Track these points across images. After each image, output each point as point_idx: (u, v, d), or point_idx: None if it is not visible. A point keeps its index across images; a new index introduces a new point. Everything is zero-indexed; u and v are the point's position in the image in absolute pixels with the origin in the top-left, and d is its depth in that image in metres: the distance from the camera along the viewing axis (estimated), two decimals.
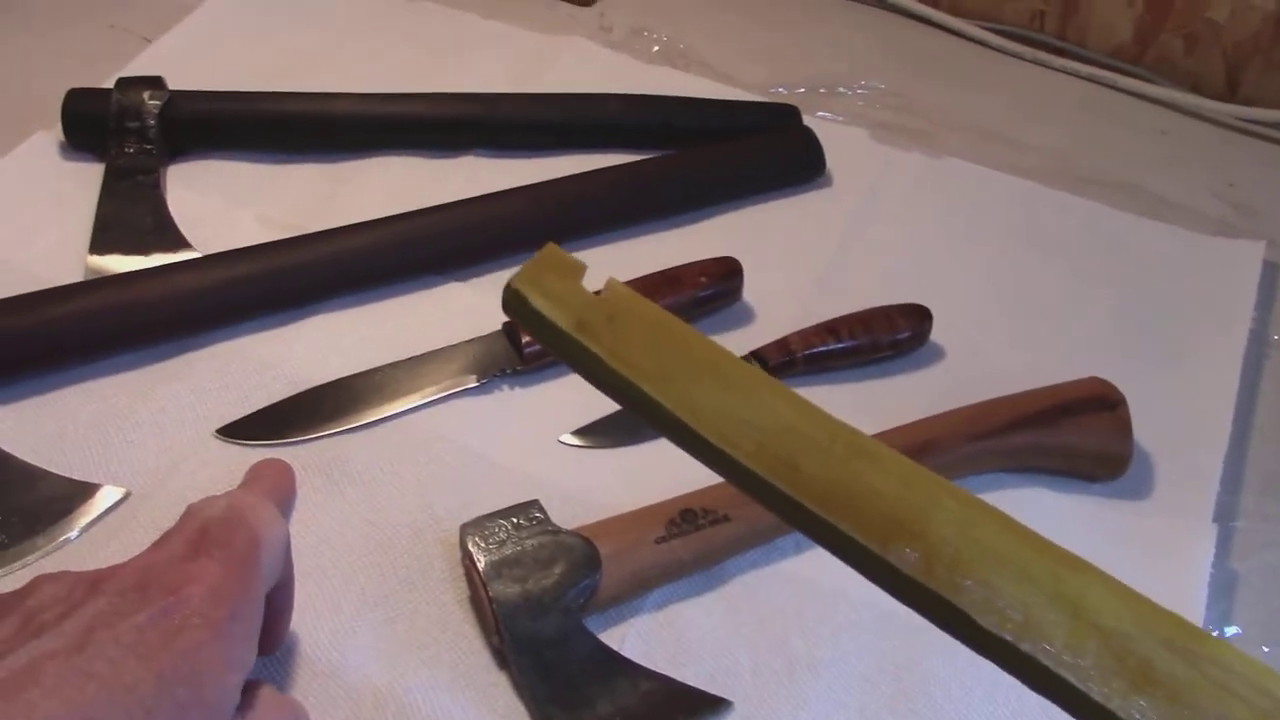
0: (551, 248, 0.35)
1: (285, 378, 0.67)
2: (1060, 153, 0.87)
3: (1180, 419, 0.69)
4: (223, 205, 0.77)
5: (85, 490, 0.61)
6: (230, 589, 0.47)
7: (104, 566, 0.56)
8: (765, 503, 0.33)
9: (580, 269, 0.36)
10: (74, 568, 0.57)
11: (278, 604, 0.52)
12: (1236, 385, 0.71)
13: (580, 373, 0.35)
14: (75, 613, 0.44)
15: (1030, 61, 0.95)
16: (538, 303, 0.34)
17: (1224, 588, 0.62)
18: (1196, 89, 0.93)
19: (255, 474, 0.61)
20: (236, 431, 0.64)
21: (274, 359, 0.68)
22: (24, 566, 0.58)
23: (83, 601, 0.45)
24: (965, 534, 0.32)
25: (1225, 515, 0.65)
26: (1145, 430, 0.66)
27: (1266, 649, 0.60)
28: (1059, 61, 0.95)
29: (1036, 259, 0.78)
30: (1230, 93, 0.92)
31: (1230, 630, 0.61)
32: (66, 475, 0.61)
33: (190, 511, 0.53)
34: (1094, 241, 0.80)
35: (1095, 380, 0.66)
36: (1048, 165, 0.86)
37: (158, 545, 0.50)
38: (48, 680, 0.41)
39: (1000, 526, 0.33)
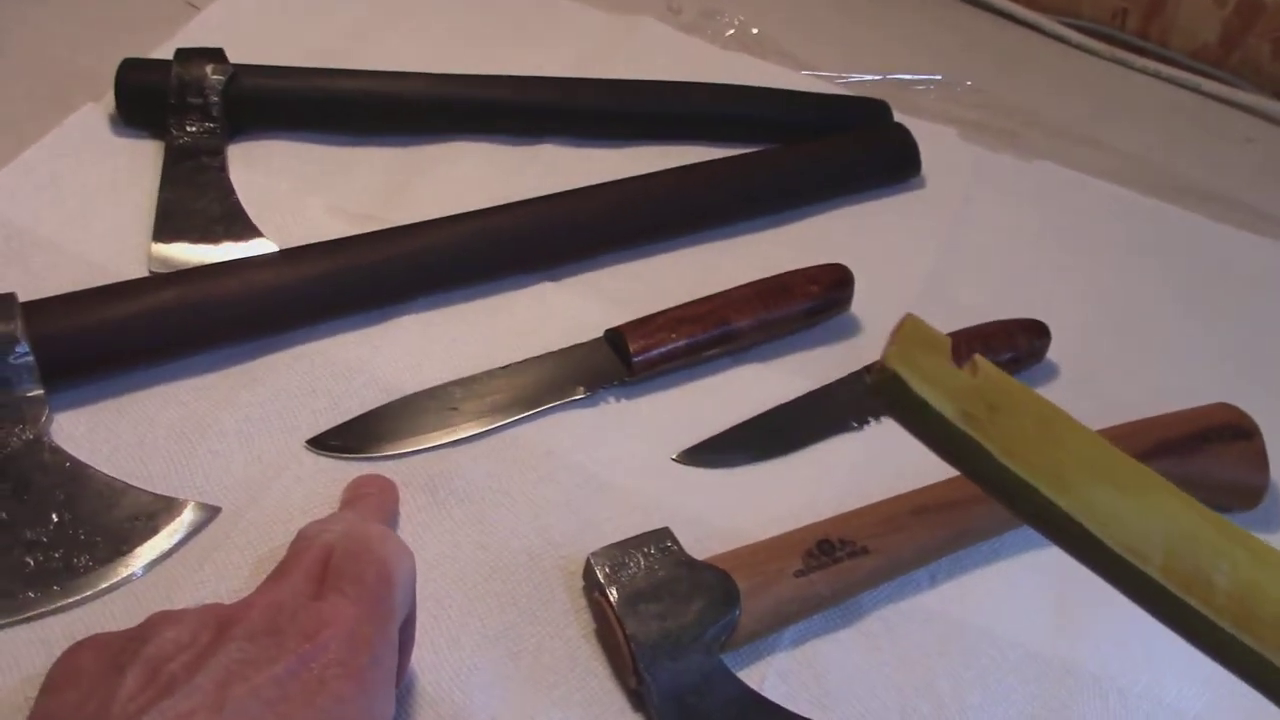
0: (914, 320, 0.31)
1: (376, 383, 0.62)
2: (1148, 158, 0.85)
3: None
4: (290, 190, 0.71)
5: (172, 506, 0.56)
6: (367, 632, 0.43)
7: (208, 594, 0.53)
8: (1169, 620, 0.29)
9: (947, 344, 0.32)
10: (168, 592, 0.53)
11: (402, 638, 0.48)
12: None
13: (959, 467, 0.31)
14: (206, 663, 0.40)
15: (1110, 60, 0.92)
16: (920, 389, 0.30)
17: None
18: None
19: (358, 492, 0.56)
20: (328, 442, 0.59)
21: (361, 362, 0.63)
22: (112, 591, 0.53)
23: (211, 649, 0.41)
24: None
25: None
26: (1273, 459, 0.64)
27: None
28: (1140, 62, 0.92)
29: (1138, 272, 0.76)
30: None
31: None
32: (149, 489, 0.56)
33: (305, 536, 0.49)
34: (1194, 255, 0.77)
35: (1227, 407, 0.64)
36: (1136, 171, 0.83)
37: (278, 577, 0.46)
38: None
39: None
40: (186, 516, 0.56)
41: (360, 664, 0.42)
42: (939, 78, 0.88)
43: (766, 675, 0.54)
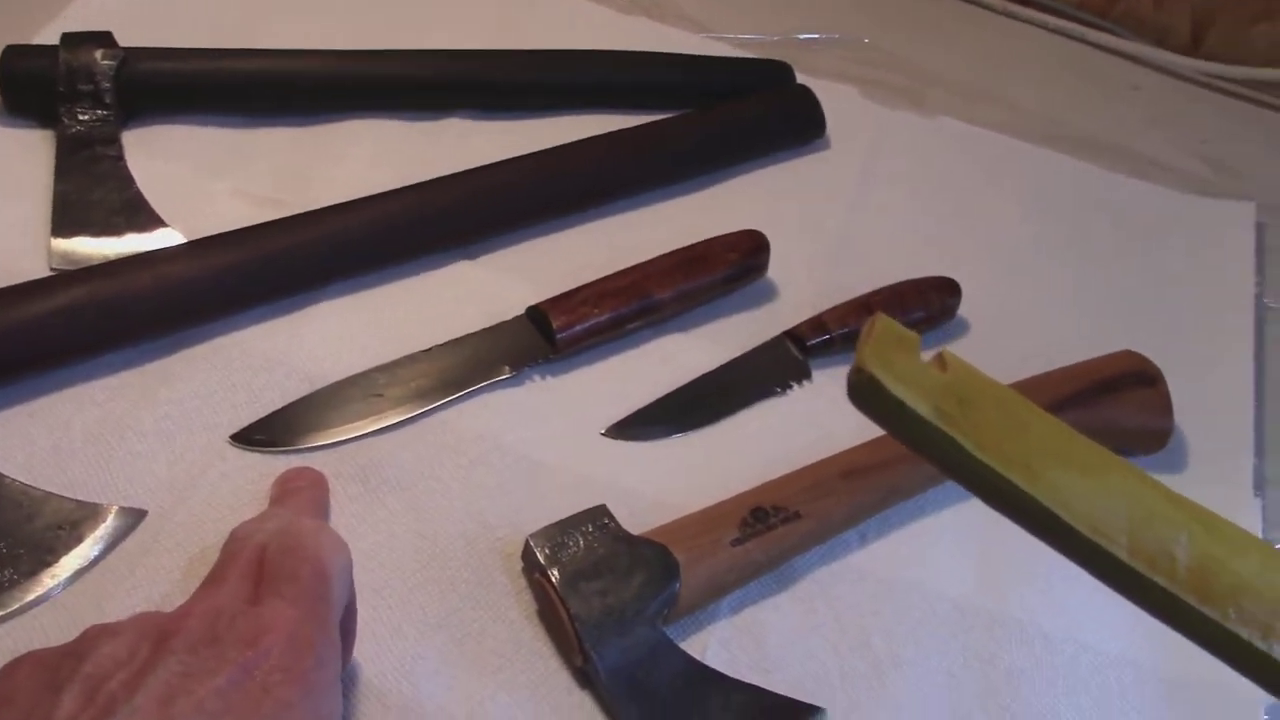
0: (884, 320, 0.32)
1: (298, 373, 0.61)
2: (1042, 110, 0.87)
3: (1203, 388, 0.69)
4: (192, 175, 0.70)
5: (95, 513, 0.54)
6: (309, 633, 0.42)
7: (140, 600, 0.52)
8: (1136, 598, 0.30)
9: (917, 341, 0.32)
10: (98, 601, 0.52)
11: (344, 629, 0.48)
12: (1252, 351, 0.72)
13: (936, 462, 0.32)
14: (146, 680, 0.39)
15: (1001, 14, 0.94)
16: (896, 389, 0.30)
17: None
18: (1162, 43, 0.93)
19: (286, 487, 0.56)
20: (253, 436, 0.58)
21: (281, 353, 0.62)
22: (40, 604, 0.51)
23: (151, 664, 0.40)
24: None
25: (1258, 481, 0.66)
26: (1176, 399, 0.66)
27: None
28: (1028, 13, 0.94)
29: (1038, 223, 0.78)
30: (1194, 47, 0.93)
31: None
32: (70, 496, 0.55)
33: (236, 538, 0.48)
34: (1092, 205, 0.80)
35: (1131, 354, 0.66)
36: (1032, 123, 0.85)
37: (214, 583, 0.45)
38: None
39: None
40: (111, 522, 0.54)
41: (304, 667, 0.41)
42: (837, 36, 0.89)
43: (709, 644, 0.55)
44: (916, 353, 0.32)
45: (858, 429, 0.63)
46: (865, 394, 0.31)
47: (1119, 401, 0.64)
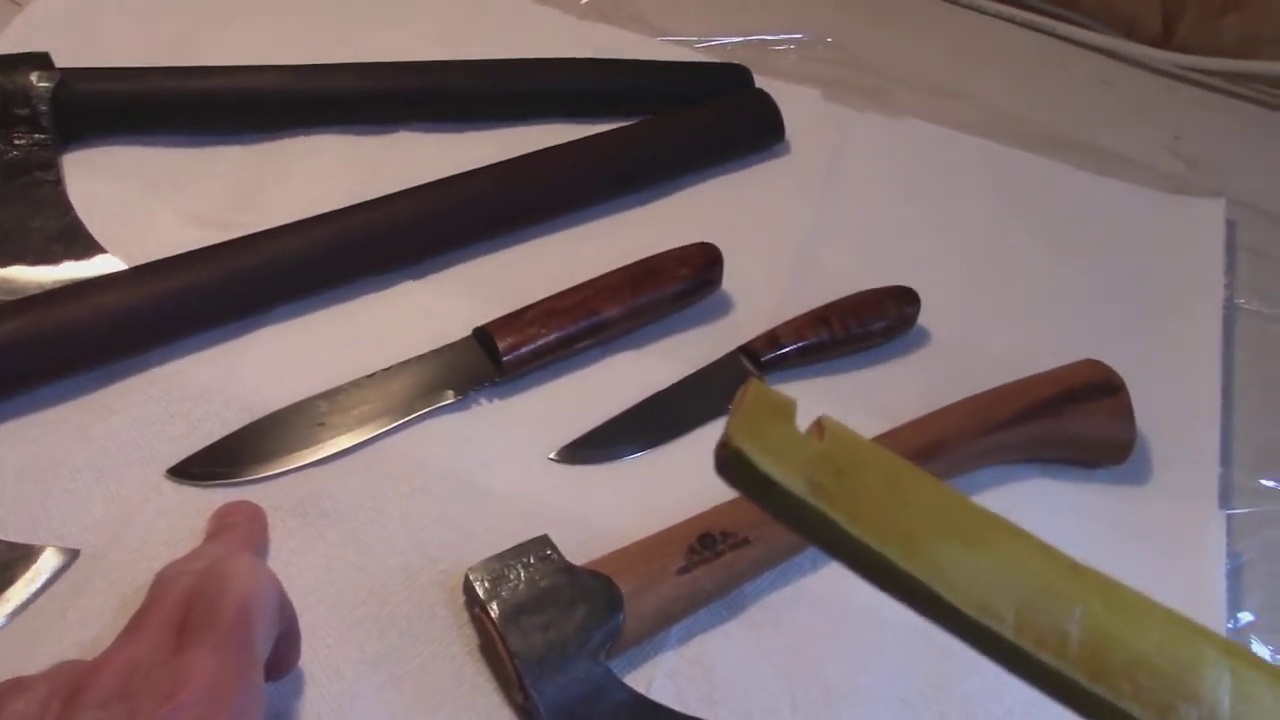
0: (758, 387, 0.30)
1: (236, 402, 0.60)
2: (1010, 107, 0.85)
3: (1168, 394, 0.68)
4: (135, 198, 0.68)
5: (27, 554, 0.53)
6: (227, 680, 0.41)
7: (72, 644, 0.50)
8: (1023, 676, 0.29)
9: (792, 408, 0.31)
10: (30, 645, 0.51)
11: (282, 652, 0.48)
12: (1220, 355, 0.70)
13: (810, 539, 0.30)
14: None
15: (966, 8, 0.92)
16: (766, 465, 0.29)
17: (1231, 573, 0.62)
18: (1131, 34, 0.91)
19: (223, 521, 0.55)
20: (190, 470, 0.57)
21: (219, 382, 0.61)
22: None
23: None
24: (1243, 691, 0.29)
25: (1223, 491, 0.65)
26: (1136, 410, 0.64)
27: None
28: (995, 7, 0.92)
29: (1005, 225, 0.76)
30: (1166, 39, 0.91)
31: (1244, 617, 0.60)
32: (1, 537, 0.54)
33: (161, 580, 0.47)
34: (1060, 204, 0.78)
35: (1093, 364, 0.65)
36: (1000, 121, 0.83)
37: (134, 630, 0.44)
38: None
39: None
40: (44, 563, 0.53)
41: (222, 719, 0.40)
42: (800, 36, 0.87)
43: (654, 677, 0.54)
44: (791, 421, 0.31)
45: None
46: (732, 469, 0.30)
47: (1081, 412, 0.63)
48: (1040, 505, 0.63)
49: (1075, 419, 0.63)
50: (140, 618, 0.45)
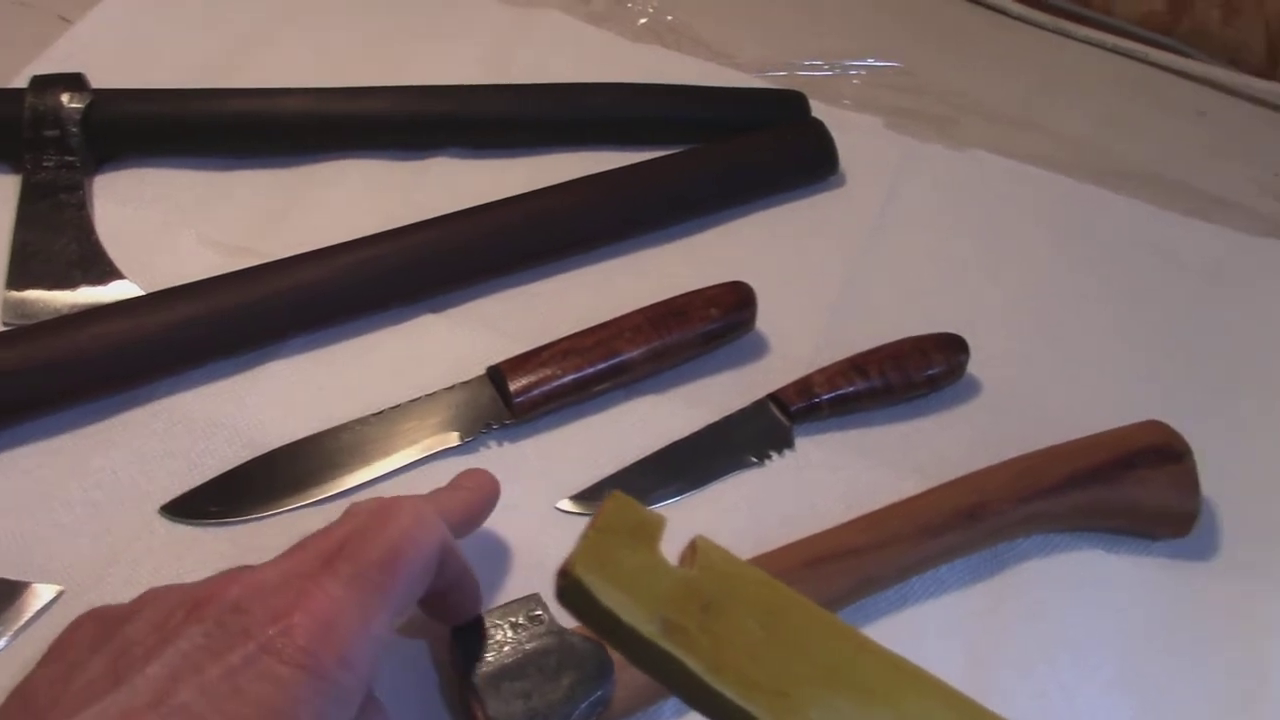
0: (619, 502, 0.27)
1: (240, 439, 0.58)
2: (1092, 140, 0.79)
3: (1242, 461, 0.62)
4: (160, 222, 0.67)
5: (12, 590, 0.52)
6: (346, 617, 0.38)
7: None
8: None
9: (658, 529, 0.27)
10: (5, 688, 0.49)
11: (453, 602, 0.47)
12: None
13: (667, 686, 0.26)
14: (164, 651, 0.37)
15: (1053, 32, 0.86)
16: (609, 599, 0.25)
17: None
18: (1234, 63, 0.85)
19: (454, 482, 0.52)
20: (185, 508, 0.55)
21: (225, 416, 0.59)
22: None
23: (175, 633, 0.38)
24: None
25: None
26: (1205, 475, 0.58)
27: None
28: (1083, 32, 0.86)
29: (1075, 270, 0.71)
30: (1271, 67, 0.84)
31: None
32: None
33: (347, 513, 0.44)
34: (1137, 247, 0.72)
35: (1156, 426, 0.59)
36: (1079, 155, 0.78)
37: (287, 553, 0.42)
38: None
39: None
40: (24, 601, 0.52)
41: (325, 661, 0.37)
42: (870, 62, 0.82)
43: None
44: (654, 544, 0.27)
45: (845, 506, 0.58)
46: (572, 601, 0.26)
47: (1140, 479, 0.58)
48: (1089, 579, 0.57)
49: (1133, 486, 0.57)
50: (300, 544, 0.42)
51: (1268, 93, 0.83)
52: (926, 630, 0.55)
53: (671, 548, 0.34)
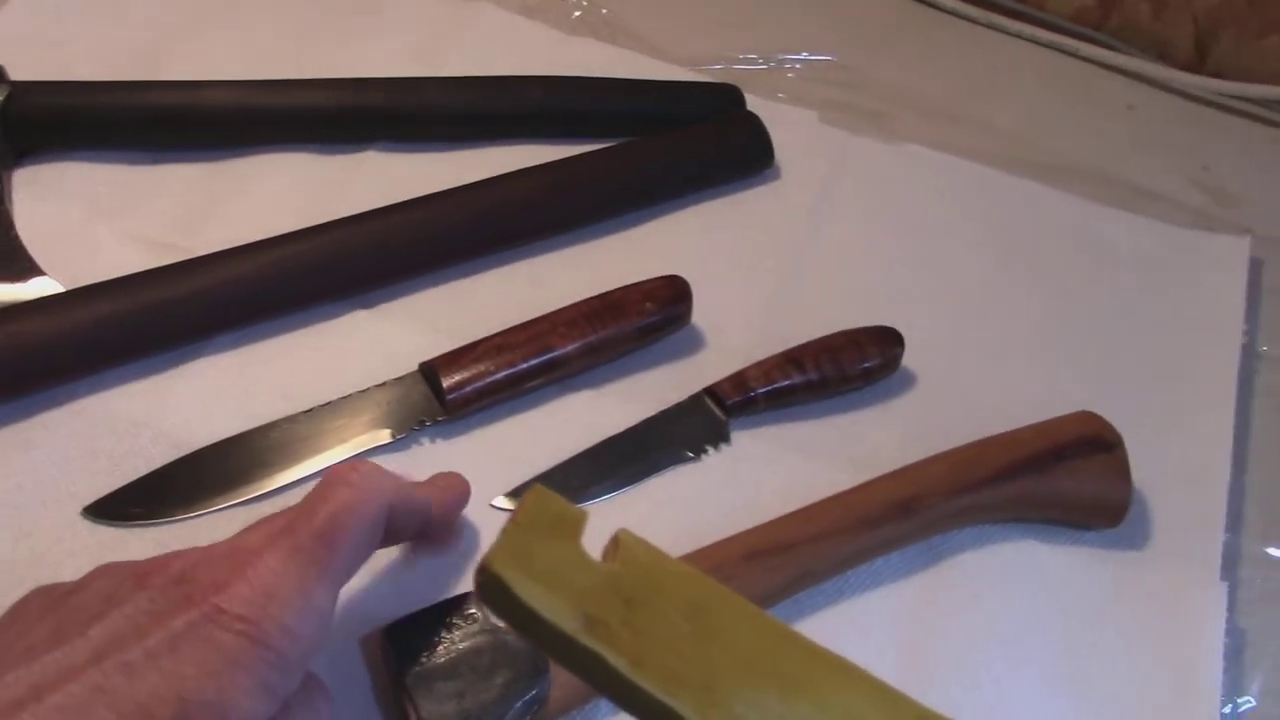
0: (540, 497, 0.26)
1: (165, 439, 0.57)
2: (1024, 133, 0.80)
3: (1174, 450, 0.63)
4: (82, 218, 0.65)
5: None
6: (286, 593, 0.39)
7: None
8: None
9: (579, 523, 0.27)
10: None
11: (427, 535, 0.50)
12: (1233, 409, 0.65)
13: (590, 683, 0.26)
14: (108, 615, 0.38)
15: (985, 27, 0.87)
16: (528, 594, 0.25)
17: (1232, 651, 0.56)
18: (1163, 58, 0.86)
19: (433, 479, 0.53)
20: (108, 510, 0.54)
21: (149, 416, 0.58)
22: None
23: (123, 599, 0.38)
24: None
25: (1228, 559, 0.59)
26: (1137, 466, 0.59)
27: None
28: (1016, 27, 0.86)
29: (1007, 263, 0.71)
30: (1199, 62, 0.85)
31: (1244, 702, 0.55)
32: None
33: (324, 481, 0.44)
34: (1069, 240, 0.73)
35: (1088, 417, 0.60)
36: (1012, 149, 0.78)
37: (245, 530, 0.43)
38: (50, 700, 0.35)
39: None
40: None
41: (265, 630, 0.38)
42: (803, 56, 0.82)
43: None
44: (575, 539, 0.26)
45: (781, 500, 0.58)
46: (492, 598, 0.25)
47: (1072, 470, 0.58)
48: (1024, 569, 0.58)
49: (1065, 477, 0.58)
50: (257, 522, 0.44)
51: (1195, 87, 0.83)
52: (863, 622, 0.55)
53: (602, 544, 0.34)
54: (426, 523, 0.49)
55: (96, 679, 0.36)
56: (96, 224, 0.65)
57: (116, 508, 0.54)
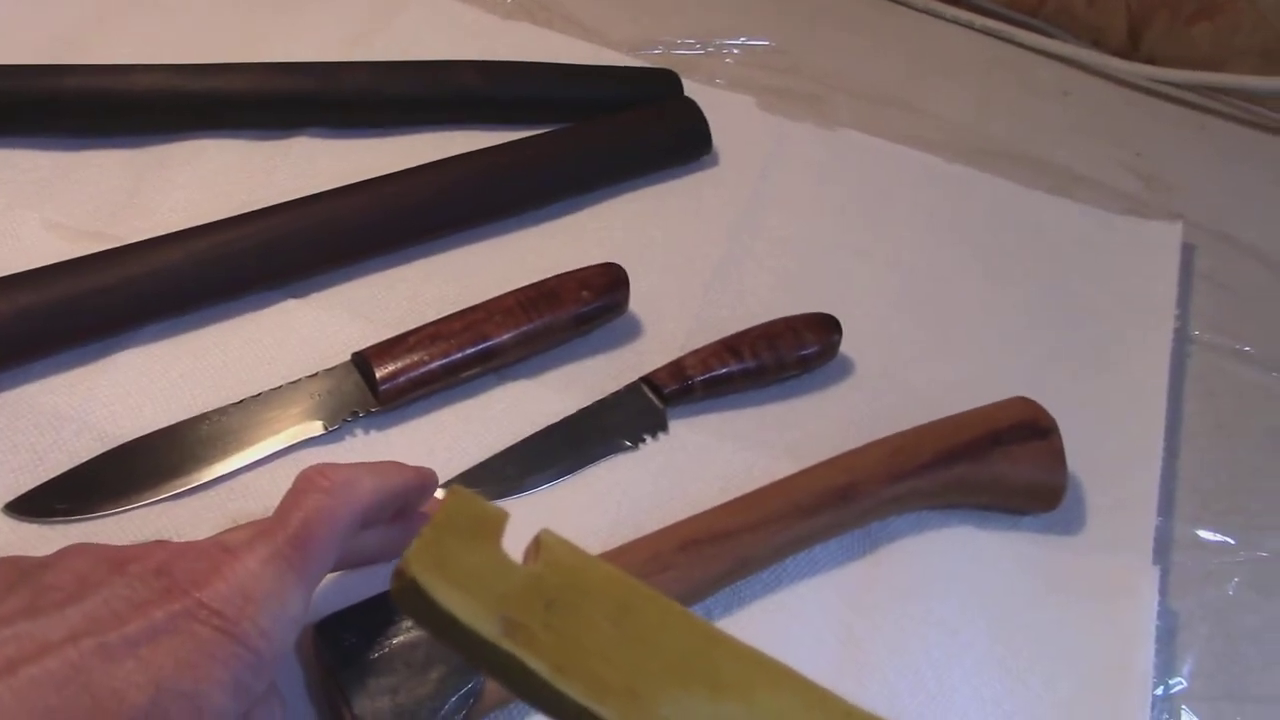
0: (458, 498, 0.25)
1: (90, 432, 0.55)
2: (961, 119, 0.80)
3: (1107, 435, 0.63)
4: (3, 205, 0.63)
5: None
6: (263, 596, 0.39)
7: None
8: None
9: (499, 524, 0.26)
10: None
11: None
12: (1165, 395, 0.65)
13: (512, 690, 0.25)
14: (85, 596, 0.37)
15: (923, 12, 0.87)
16: (445, 599, 0.24)
17: (1164, 633, 0.57)
18: (1097, 44, 0.86)
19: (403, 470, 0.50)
20: (31, 506, 0.53)
21: (73, 409, 0.56)
22: None
23: (101, 583, 0.38)
24: None
25: (1160, 543, 0.60)
26: (1071, 451, 0.59)
27: (1213, 705, 0.55)
28: (953, 12, 0.87)
29: (942, 247, 0.71)
30: (1132, 48, 0.86)
31: (1175, 683, 0.56)
32: None
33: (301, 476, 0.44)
34: (1004, 226, 0.73)
35: (1023, 403, 0.60)
36: (948, 134, 0.79)
37: (230, 529, 0.44)
38: (24, 673, 0.35)
39: None
40: None
41: (242, 629, 0.38)
42: (741, 40, 0.82)
43: None
44: (495, 540, 0.26)
45: (719, 488, 0.57)
46: (409, 603, 0.25)
47: (1007, 456, 0.58)
48: (961, 555, 0.58)
49: (1001, 463, 0.58)
50: (240, 525, 0.44)
51: (1129, 73, 0.84)
52: (801, 610, 0.55)
53: (531, 541, 0.33)
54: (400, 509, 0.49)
55: (73, 657, 0.35)
56: (16, 212, 0.63)
57: (40, 504, 0.53)
